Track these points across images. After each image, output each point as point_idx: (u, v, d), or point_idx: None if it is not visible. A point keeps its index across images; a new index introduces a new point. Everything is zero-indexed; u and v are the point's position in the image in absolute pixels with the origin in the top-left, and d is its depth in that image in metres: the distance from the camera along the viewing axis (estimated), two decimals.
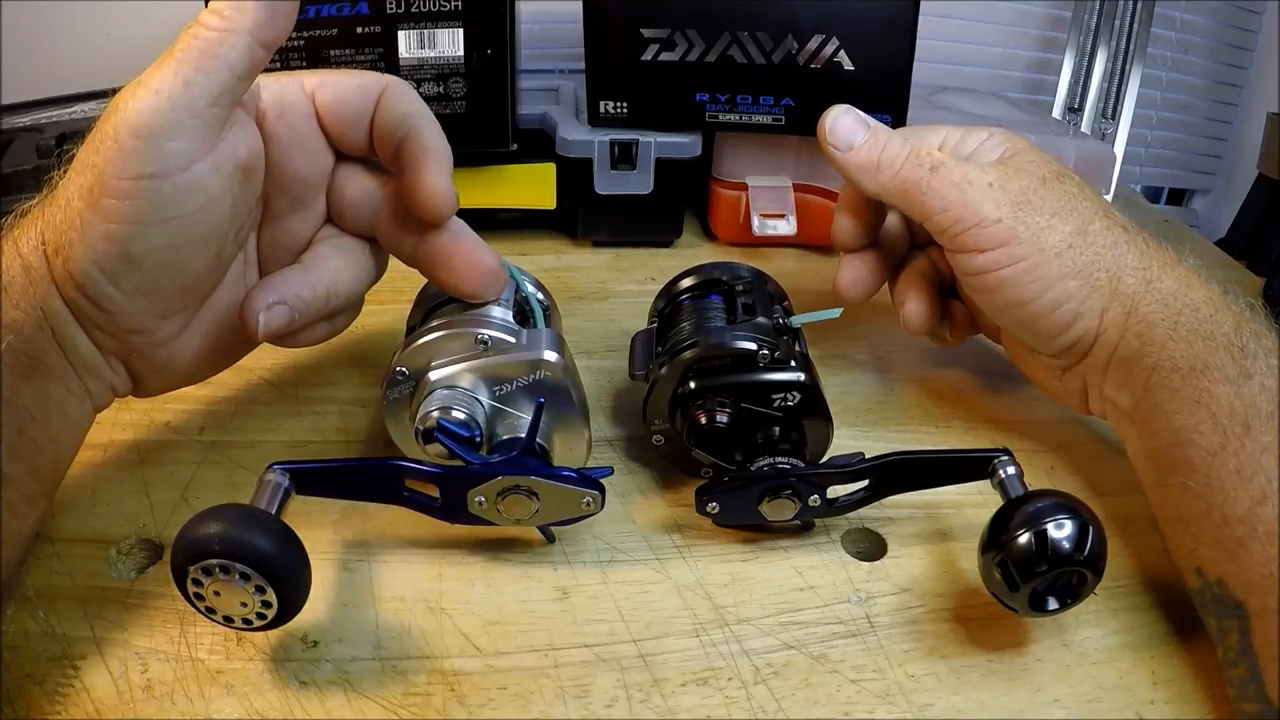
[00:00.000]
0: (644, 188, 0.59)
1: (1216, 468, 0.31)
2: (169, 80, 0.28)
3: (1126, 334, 0.35)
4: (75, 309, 0.31)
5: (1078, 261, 0.35)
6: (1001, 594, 0.30)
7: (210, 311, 0.35)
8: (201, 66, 0.29)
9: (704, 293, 0.42)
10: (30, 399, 0.30)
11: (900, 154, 0.38)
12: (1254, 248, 0.79)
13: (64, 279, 0.30)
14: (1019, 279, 0.36)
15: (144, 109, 0.28)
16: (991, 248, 0.36)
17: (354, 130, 0.35)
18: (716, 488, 0.34)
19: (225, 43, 0.29)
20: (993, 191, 0.36)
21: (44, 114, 0.62)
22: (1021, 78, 0.86)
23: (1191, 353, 0.33)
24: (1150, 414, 0.34)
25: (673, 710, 0.30)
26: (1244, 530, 0.29)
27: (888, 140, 0.38)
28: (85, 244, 0.29)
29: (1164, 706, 0.31)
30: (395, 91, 0.35)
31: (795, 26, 0.54)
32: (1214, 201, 0.96)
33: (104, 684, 0.30)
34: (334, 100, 0.34)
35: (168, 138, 0.29)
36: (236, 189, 0.32)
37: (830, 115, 0.40)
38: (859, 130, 0.39)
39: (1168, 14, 0.84)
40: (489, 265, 0.36)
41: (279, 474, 0.31)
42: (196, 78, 0.29)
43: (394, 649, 0.31)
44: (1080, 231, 0.36)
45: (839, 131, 0.39)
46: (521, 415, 0.35)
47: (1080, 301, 0.35)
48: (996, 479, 0.34)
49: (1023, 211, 0.36)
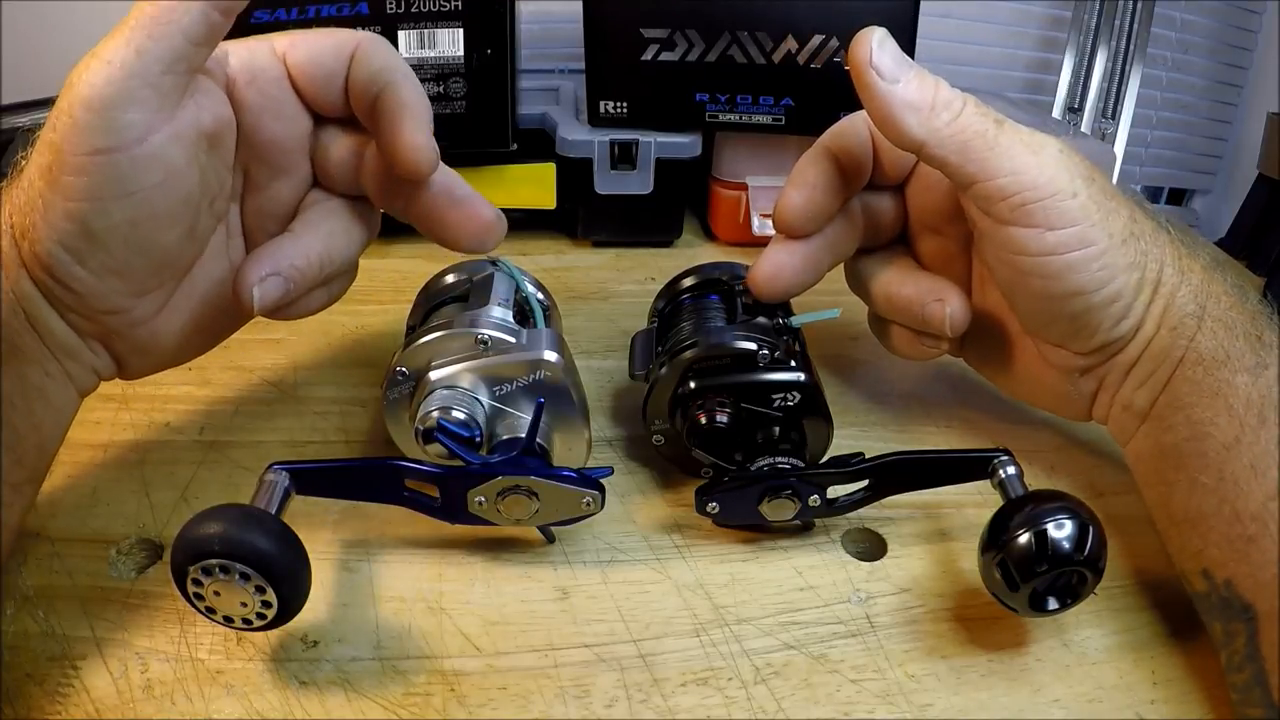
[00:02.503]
0: (644, 188, 0.59)
1: (1230, 462, 0.30)
2: (120, 49, 0.27)
3: (1162, 328, 0.33)
4: (46, 291, 0.30)
5: (1137, 252, 0.32)
6: (1001, 594, 0.30)
7: (191, 287, 0.34)
8: (154, 34, 0.27)
9: (704, 293, 0.42)
10: (9, 385, 0.29)
11: (957, 99, 0.32)
12: (1254, 248, 0.79)
13: (31, 261, 0.29)
14: (1087, 265, 0.32)
15: (95, 80, 0.27)
16: (1064, 226, 0.31)
17: (328, 90, 0.34)
18: (716, 488, 0.34)
19: (179, 9, 0.28)
20: (1066, 159, 0.32)
21: (44, 114, 0.62)
22: (1021, 78, 0.86)
23: (1215, 343, 0.32)
24: (1167, 409, 0.33)
25: (673, 710, 0.30)
26: (1256, 527, 0.29)
27: (938, 82, 0.32)
28: (48, 224, 0.28)
29: (1164, 706, 0.31)
30: (368, 47, 0.33)
31: (795, 26, 0.54)
32: (1214, 201, 0.96)
33: (104, 684, 0.30)
34: (305, 61, 0.33)
35: (122, 109, 0.27)
36: (203, 158, 0.31)
37: (872, 37, 0.31)
38: (905, 64, 0.32)
39: (1168, 14, 0.84)
40: (484, 217, 0.35)
41: (279, 474, 0.31)
42: (149, 44, 0.27)
43: (394, 649, 0.31)
44: (1132, 219, 0.33)
45: (885, 59, 0.31)
46: (521, 415, 0.34)
47: (1134, 295, 0.33)
48: (996, 479, 0.34)
49: (1094, 190, 0.32)
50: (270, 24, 0.50)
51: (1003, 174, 0.31)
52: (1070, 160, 0.32)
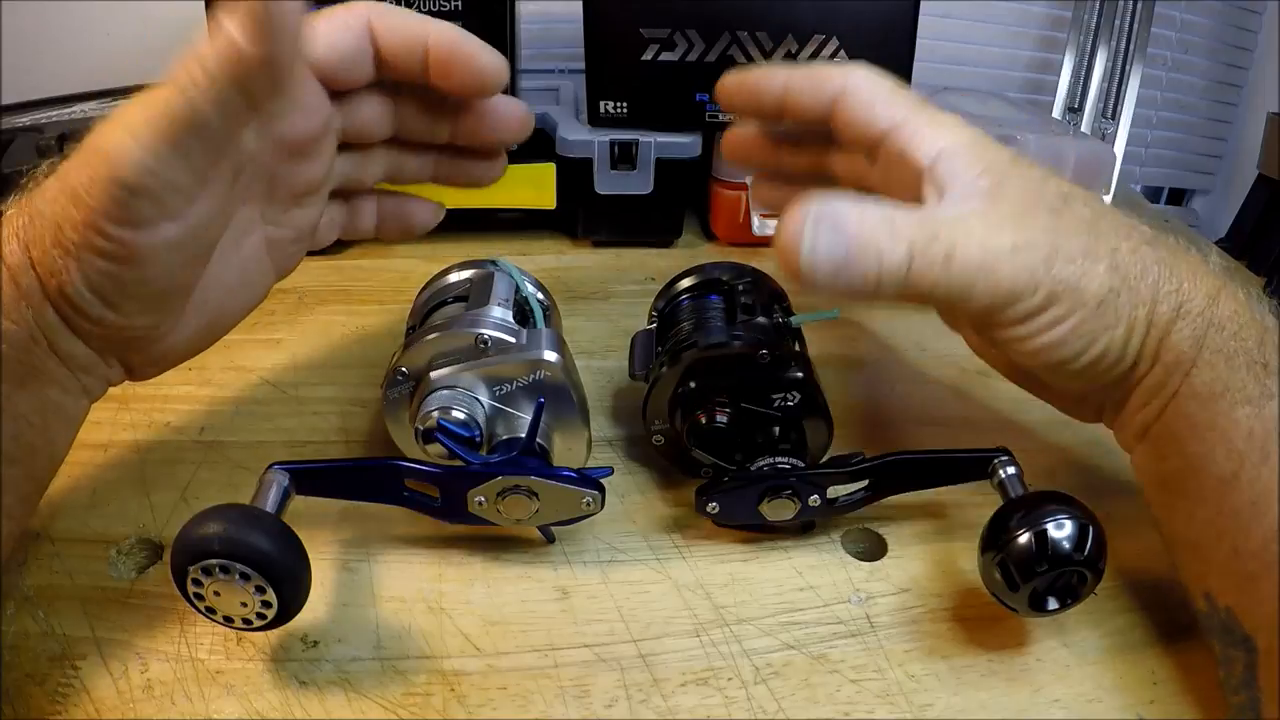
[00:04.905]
0: (644, 188, 0.59)
1: (1229, 498, 0.29)
2: (155, 135, 0.26)
3: (1156, 365, 0.32)
4: (71, 323, 0.30)
5: (1119, 307, 0.31)
6: (1001, 594, 0.30)
7: (204, 294, 0.33)
8: (192, 127, 0.27)
9: (704, 293, 0.42)
10: (27, 406, 0.30)
11: (899, 255, 0.30)
12: (1254, 248, 0.79)
13: (58, 297, 0.29)
14: (1063, 339, 0.31)
15: (132, 161, 0.26)
16: (1033, 316, 0.31)
17: (356, 71, 0.34)
18: (716, 488, 0.34)
19: (217, 92, 0.26)
20: (1020, 255, 0.30)
21: (44, 114, 0.62)
22: (1021, 78, 0.86)
23: (1213, 376, 0.31)
24: (1162, 439, 0.33)
25: (673, 710, 0.30)
26: (1256, 565, 0.28)
27: (876, 242, 0.30)
28: (81, 273, 0.28)
29: (1163, 706, 0.31)
30: (382, 15, 0.33)
31: (795, 26, 0.54)
32: (1214, 201, 0.96)
33: (104, 684, 0.30)
34: (326, 52, 0.33)
35: (160, 194, 0.27)
36: (231, 192, 0.31)
37: (802, 236, 0.30)
38: (845, 229, 0.30)
39: (1168, 14, 0.84)
40: (520, 109, 0.37)
41: (279, 474, 0.31)
42: (185, 137, 0.27)
43: (394, 649, 0.31)
44: (1113, 268, 0.31)
45: (821, 246, 0.30)
46: (521, 415, 0.35)
47: (1123, 344, 0.32)
48: (996, 479, 0.34)
49: (1056, 265, 0.31)
50: None
51: (963, 302, 0.31)
52: (1026, 251, 0.30)
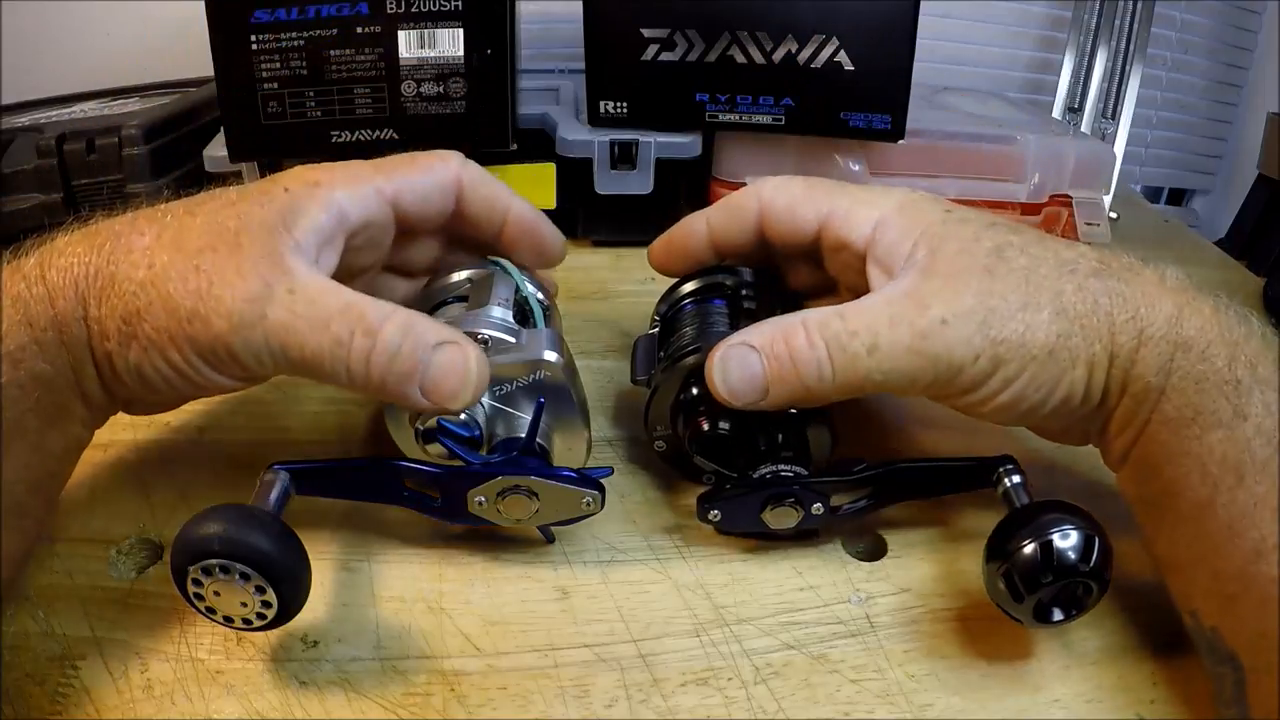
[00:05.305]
0: (644, 188, 0.59)
1: (1205, 522, 0.29)
2: (251, 308, 0.29)
3: (1125, 397, 0.32)
4: (104, 379, 0.31)
5: (1073, 348, 0.31)
6: (1006, 605, 0.30)
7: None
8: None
9: (707, 297, 0.41)
10: (56, 443, 0.31)
11: (818, 361, 0.31)
12: (1254, 248, 0.79)
13: (103, 360, 0.31)
14: (1021, 394, 0.31)
15: (234, 333, 0.29)
16: (983, 382, 0.31)
17: (431, 221, 0.37)
18: (719, 495, 0.34)
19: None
20: (951, 328, 0.31)
21: (44, 114, 0.62)
22: (1021, 78, 0.86)
23: (1183, 402, 0.30)
24: (1139, 463, 0.32)
25: (673, 710, 0.30)
26: (1236, 587, 0.28)
27: (790, 359, 0.32)
28: (139, 361, 0.30)
29: (1163, 706, 0.31)
30: (473, 180, 0.37)
31: (795, 26, 0.54)
32: (1214, 201, 0.96)
33: (104, 684, 0.30)
34: (414, 203, 0.36)
35: (248, 352, 0.30)
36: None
37: (717, 369, 0.33)
38: (751, 363, 0.32)
39: (1168, 14, 0.84)
40: (558, 242, 0.41)
41: (279, 474, 0.31)
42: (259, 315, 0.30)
43: (394, 649, 0.31)
44: (1058, 312, 0.31)
45: (733, 383, 0.33)
46: (521, 415, 0.34)
47: (1085, 383, 0.31)
48: (1001, 488, 0.33)
49: (994, 329, 0.31)
50: (270, 23, 0.50)
51: (905, 388, 0.32)
52: (960, 323, 0.31)
